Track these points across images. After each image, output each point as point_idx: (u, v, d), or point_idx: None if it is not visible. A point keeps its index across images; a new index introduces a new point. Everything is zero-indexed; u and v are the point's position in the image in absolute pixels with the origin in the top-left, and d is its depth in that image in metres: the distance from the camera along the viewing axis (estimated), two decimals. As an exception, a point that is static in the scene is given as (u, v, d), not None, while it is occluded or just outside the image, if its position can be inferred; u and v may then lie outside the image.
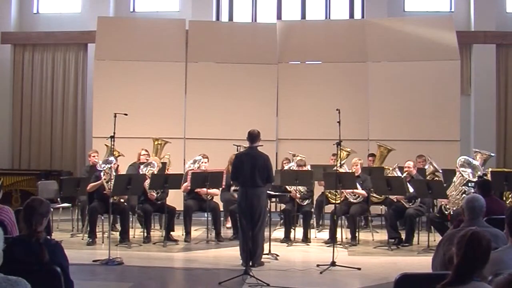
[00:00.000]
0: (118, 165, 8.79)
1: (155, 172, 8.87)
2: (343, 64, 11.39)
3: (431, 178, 9.09)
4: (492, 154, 9.44)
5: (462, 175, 7.97)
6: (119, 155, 9.28)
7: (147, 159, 9.37)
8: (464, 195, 7.75)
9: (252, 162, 7.00)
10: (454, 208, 7.93)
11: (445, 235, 4.31)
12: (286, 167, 9.42)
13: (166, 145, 10.19)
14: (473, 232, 2.85)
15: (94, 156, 9.76)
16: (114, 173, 8.38)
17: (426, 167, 9.61)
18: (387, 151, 10.09)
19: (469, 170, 8.04)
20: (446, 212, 8.13)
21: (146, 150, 9.72)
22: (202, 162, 9.16)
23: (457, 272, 2.77)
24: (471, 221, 3.96)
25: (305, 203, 8.93)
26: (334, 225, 8.43)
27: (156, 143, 10.16)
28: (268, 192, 8.15)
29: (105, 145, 9.91)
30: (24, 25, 14.49)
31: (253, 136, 7.18)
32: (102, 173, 8.45)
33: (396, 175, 8.73)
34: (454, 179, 8.18)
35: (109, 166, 8.41)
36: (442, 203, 8.25)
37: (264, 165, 7.06)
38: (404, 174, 8.65)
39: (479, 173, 8.09)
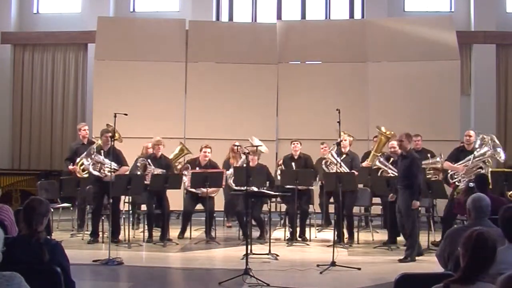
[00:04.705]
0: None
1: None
2: (343, 64, 11.36)
3: (433, 178, 9.06)
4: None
5: (485, 152, 8.33)
6: (118, 138, 9.01)
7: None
8: (479, 170, 8.26)
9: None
10: (464, 180, 8.18)
11: (450, 229, 4.40)
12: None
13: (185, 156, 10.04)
14: (478, 232, 2.83)
15: (85, 130, 9.69)
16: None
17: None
18: (386, 139, 9.98)
19: (492, 150, 8.38)
20: (451, 181, 8.42)
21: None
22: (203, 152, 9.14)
23: (464, 273, 2.76)
24: (476, 221, 3.95)
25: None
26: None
27: (181, 147, 9.95)
28: (268, 192, 8.16)
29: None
30: (24, 25, 14.49)
31: None
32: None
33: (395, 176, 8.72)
34: (475, 152, 8.45)
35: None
36: (451, 172, 8.51)
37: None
38: (391, 159, 8.66)
39: (498, 158, 8.44)
